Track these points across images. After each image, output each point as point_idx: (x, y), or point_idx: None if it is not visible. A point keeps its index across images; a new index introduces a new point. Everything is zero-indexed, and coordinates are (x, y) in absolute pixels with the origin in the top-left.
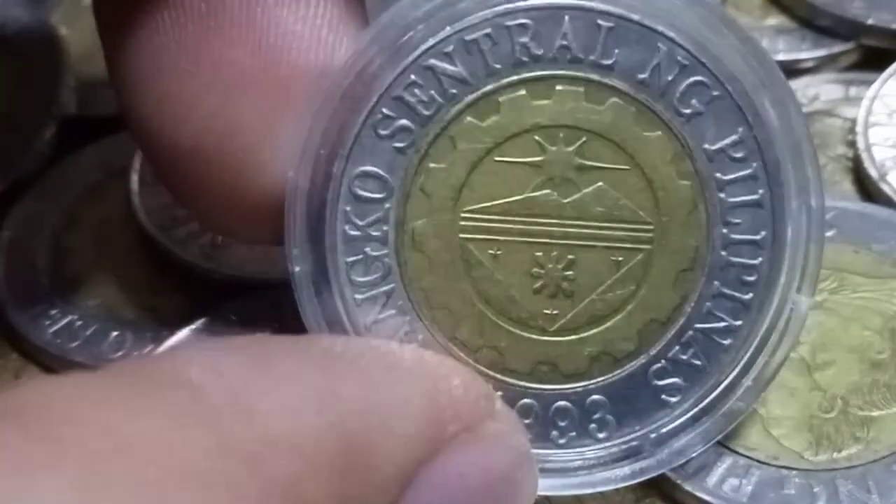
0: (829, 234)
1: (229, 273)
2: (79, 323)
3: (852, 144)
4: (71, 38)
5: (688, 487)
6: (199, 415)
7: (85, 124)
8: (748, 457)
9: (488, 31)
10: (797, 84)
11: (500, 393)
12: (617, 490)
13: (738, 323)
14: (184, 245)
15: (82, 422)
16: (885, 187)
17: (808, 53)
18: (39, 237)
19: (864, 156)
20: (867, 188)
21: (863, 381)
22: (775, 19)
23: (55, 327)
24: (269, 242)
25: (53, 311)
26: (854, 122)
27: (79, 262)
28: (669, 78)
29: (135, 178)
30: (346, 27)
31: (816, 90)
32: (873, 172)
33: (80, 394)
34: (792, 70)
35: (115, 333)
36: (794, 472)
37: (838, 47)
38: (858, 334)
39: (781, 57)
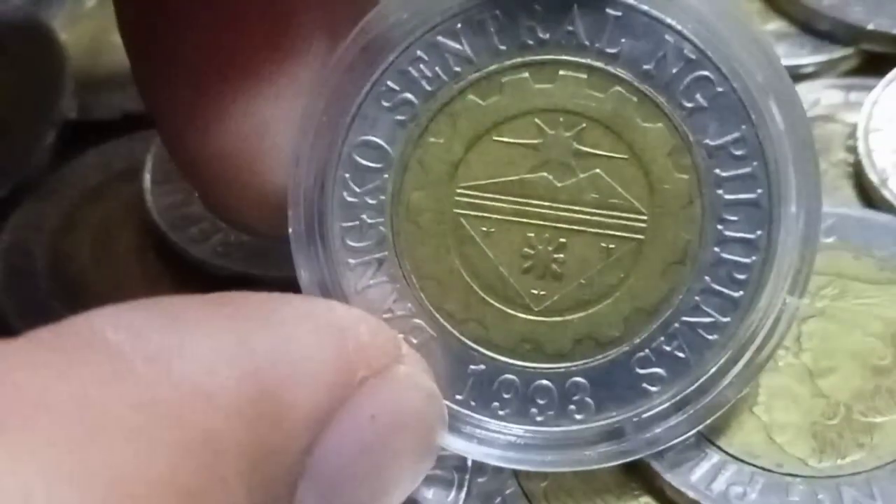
0: (829, 240)
1: (239, 270)
2: None
3: (853, 150)
4: (70, 43)
5: (692, 495)
6: (118, 373)
7: (85, 129)
8: (752, 464)
9: (496, 12)
10: (797, 89)
11: (482, 366)
12: (619, 498)
13: (726, 320)
14: (195, 243)
15: (2, 384)
16: (885, 193)
17: (808, 59)
18: (39, 240)
19: (864, 161)
20: (868, 194)
21: (865, 387)
22: (775, 24)
23: None
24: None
25: (53, 314)
26: (854, 127)
27: (78, 264)
28: (674, 71)
29: (147, 178)
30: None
31: (817, 95)
32: (874, 178)
33: (1, 360)
34: (792, 75)
35: None
36: (798, 479)
37: (838, 52)
38: (860, 340)
39: (781, 62)
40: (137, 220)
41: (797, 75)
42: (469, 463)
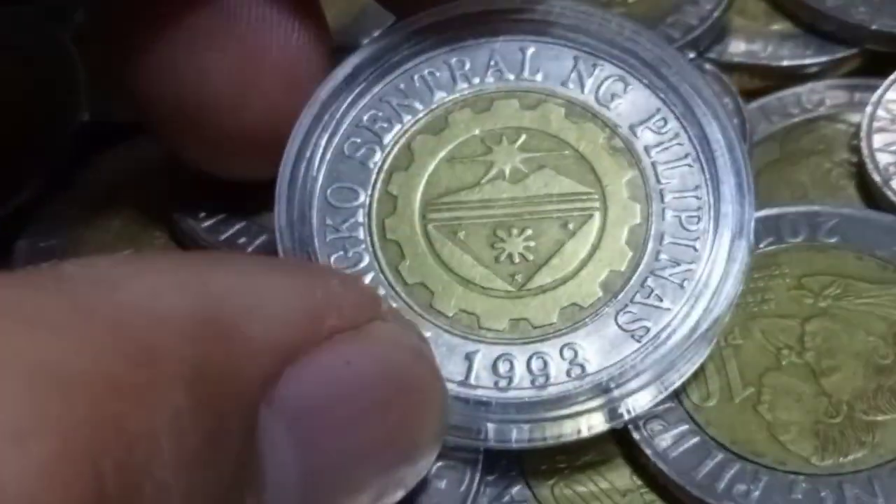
0: (832, 240)
1: None
2: None
3: (856, 150)
4: (83, 49)
5: (697, 493)
6: (62, 290)
7: (99, 131)
8: (756, 462)
9: (432, 69)
10: (802, 89)
11: (479, 350)
12: (624, 496)
13: (691, 266)
14: (213, 233)
15: None
16: (888, 192)
17: (812, 59)
18: (60, 240)
19: (867, 161)
20: (871, 194)
21: (867, 386)
22: (780, 25)
23: None
24: (257, 175)
25: None
26: (858, 127)
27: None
28: (589, 79)
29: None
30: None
31: (821, 95)
32: (877, 178)
33: None
34: (797, 75)
35: None
36: (801, 476)
37: (842, 52)
38: (863, 340)
39: (786, 62)
40: (157, 217)
41: (802, 75)
42: (480, 458)
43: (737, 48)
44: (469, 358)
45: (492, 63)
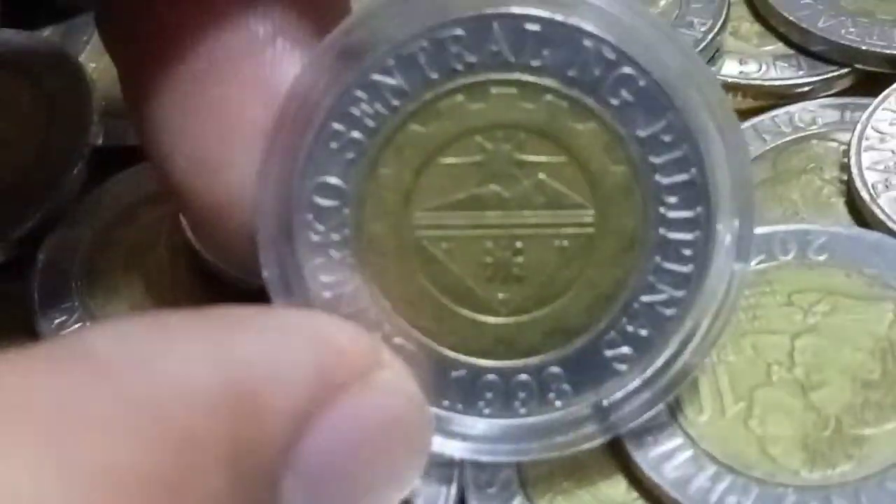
0: (821, 258)
1: None
2: None
3: (846, 168)
4: (97, 73)
5: None
6: (101, 374)
7: (112, 154)
8: (747, 475)
9: (424, 44)
10: (794, 108)
11: (463, 371)
12: None
13: (680, 294)
14: None
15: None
16: (876, 210)
17: (804, 78)
18: (73, 260)
19: (855, 178)
20: (859, 210)
21: (855, 400)
22: (772, 46)
23: None
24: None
25: None
26: (849, 145)
27: (111, 283)
28: (597, 72)
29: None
30: None
31: (813, 114)
32: (865, 195)
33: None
34: (789, 94)
35: None
36: (790, 489)
37: (833, 72)
38: (850, 355)
39: (778, 82)
40: (168, 239)
41: (794, 94)
42: (455, 475)
43: (731, 69)
44: (453, 381)
45: (492, 41)
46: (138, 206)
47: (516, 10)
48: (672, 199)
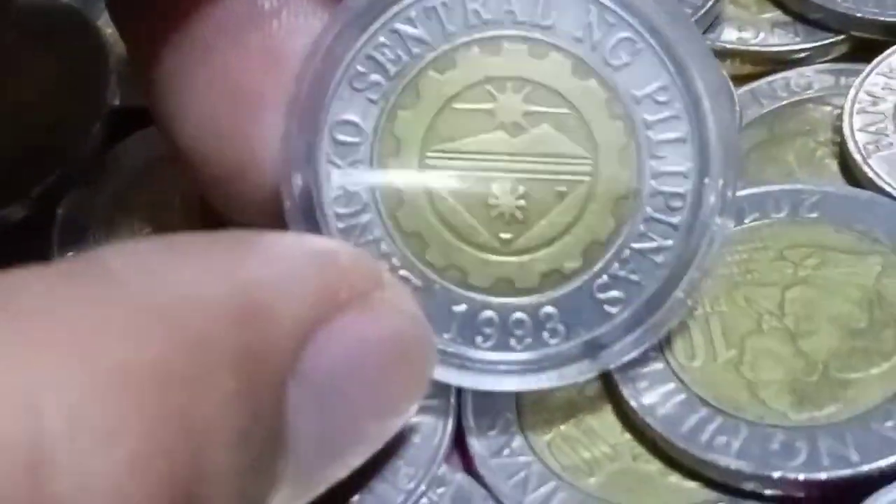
0: (813, 214)
1: None
2: None
3: (839, 130)
4: (114, 36)
5: (681, 445)
6: (116, 285)
7: (130, 115)
8: (737, 417)
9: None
10: (791, 74)
11: (464, 306)
12: (613, 448)
13: (669, 243)
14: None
15: (8, 300)
16: (867, 170)
17: (800, 45)
18: (92, 217)
19: (848, 140)
20: (852, 171)
21: (842, 347)
22: (770, 13)
23: None
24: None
25: None
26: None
27: (130, 239)
28: (600, 35)
29: None
30: None
31: (809, 79)
32: (857, 156)
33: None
34: (786, 61)
35: None
36: (778, 429)
37: (829, 39)
38: (839, 306)
39: (776, 49)
40: (184, 196)
41: (791, 60)
42: (451, 409)
43: (729, 35)
44: (455, 315)
45: (506, 1)
46: (155, 164)
47: None
48: (663, 154)
